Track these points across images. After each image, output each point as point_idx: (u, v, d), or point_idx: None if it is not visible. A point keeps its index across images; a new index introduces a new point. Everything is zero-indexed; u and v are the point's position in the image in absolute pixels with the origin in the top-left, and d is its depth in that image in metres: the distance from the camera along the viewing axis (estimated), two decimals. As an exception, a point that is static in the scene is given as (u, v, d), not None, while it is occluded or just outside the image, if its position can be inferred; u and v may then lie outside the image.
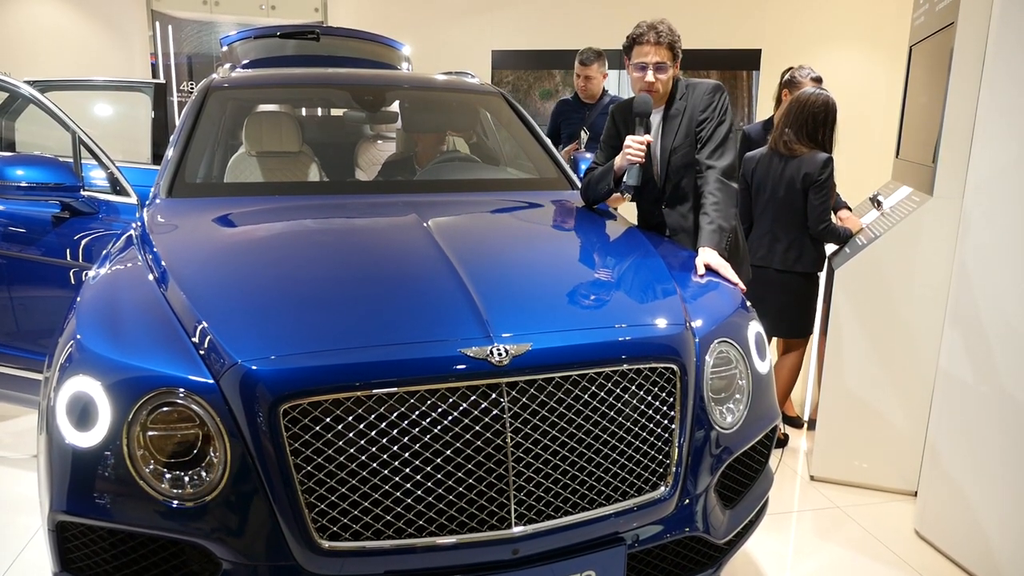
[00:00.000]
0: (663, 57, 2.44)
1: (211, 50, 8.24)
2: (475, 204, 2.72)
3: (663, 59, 2.45)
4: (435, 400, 1.55)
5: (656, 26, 2.44)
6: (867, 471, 3.15)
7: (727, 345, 1.94)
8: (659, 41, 2.42)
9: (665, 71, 2.47)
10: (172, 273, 1.87)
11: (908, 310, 2.97)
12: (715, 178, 2.46)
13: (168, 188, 2.62)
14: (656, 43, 2.43)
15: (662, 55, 2.44)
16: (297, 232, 2.37)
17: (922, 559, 2.66)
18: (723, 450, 1.86)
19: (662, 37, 2.42)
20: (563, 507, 1.62)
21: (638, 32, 2.46)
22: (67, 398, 1.56)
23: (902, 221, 2.95)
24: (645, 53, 2.45)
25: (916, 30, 3.40)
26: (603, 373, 1.68)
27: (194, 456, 1.52)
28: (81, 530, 1.55)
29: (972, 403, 2.54)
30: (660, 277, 2.12)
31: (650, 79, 2.47)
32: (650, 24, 2.45)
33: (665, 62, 2.46)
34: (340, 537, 1.49)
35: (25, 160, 2.87)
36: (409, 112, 3.62)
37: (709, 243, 2.35)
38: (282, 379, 1.50)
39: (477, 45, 8.20)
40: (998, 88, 2.46)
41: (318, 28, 4.23)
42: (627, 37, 2.50)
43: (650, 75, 2.46)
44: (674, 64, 2.49)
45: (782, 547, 2.73)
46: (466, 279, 1.82)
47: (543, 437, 1.60)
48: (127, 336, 1.66)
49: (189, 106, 2.99)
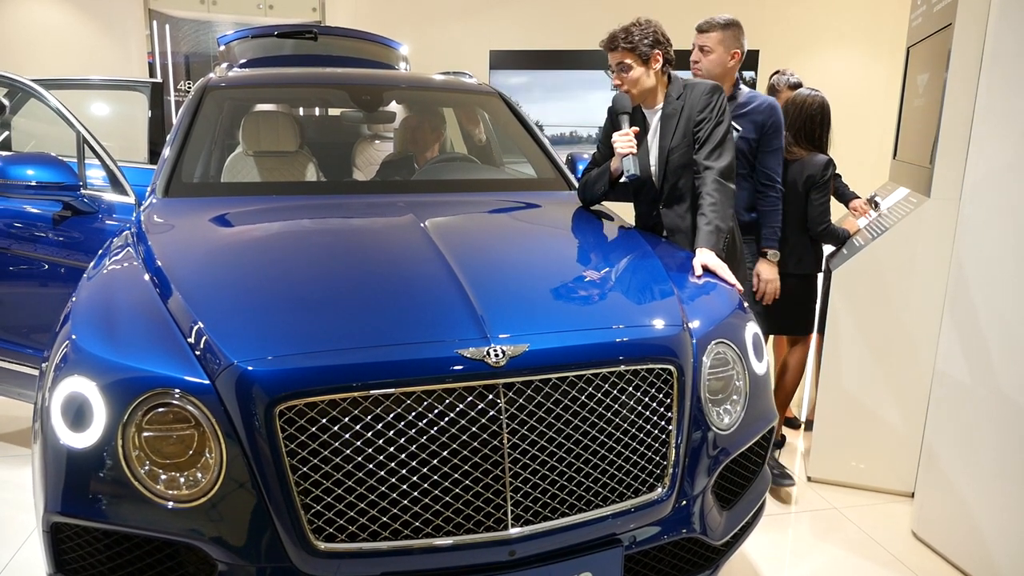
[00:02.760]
0: (623, 58, 2.48)
1: (208, 49, 8.22)
2: (472, 204, 2.71)
3: (622, 60, 2.49)
4: (432, 401, 1.54)
5: (617, 31, 2.49)
6: (864, 472, 3.16)
7: (724, 346, 1.93)
8: (612, 47, 2.48)
9: (627, 71, 2.50)
10: (168, 273, 1.87)
11: (905, 311, 2.98)
12: (713, 179, 2.45)
13: (164, 188, 2.61)
14: (611, 48, 2.49)
15: (621, 57, 2.48)
16: (294, 232, 2.37)
17: (919, 560, 2.66)
18: (720, 451, 1.86)
19: (615, 42, 2.47)
20: (560, 508, 1.61)
21: (605, 38, 2.53)
22: (62, 398, 1.55)
23: (899, 222, 2.95)
24: (612, 57, 2.52)
25: (914, 31, 3.40)
26: (600, 374, 1.67)
27: (189, 457, 1.52)
28: (76, 531, 1.54)
29: (969, 404, 2.54)
30: (657, 278, 2.12)
31: (616, 81, 2.53)
32: (612, 31, 2.51)
33: (627, 62, 2.48)
34: (336, 538, 1.49)
35: (26, 159, 2.87)
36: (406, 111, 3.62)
37: (707, 244, 2.34)
38: (278, 380, 1.49)
39: (475, 45, 8.20)
40: (996, 89, 2.46)
41: (315, 28, 4.23)
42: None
43: (616, 78, 2.53)
44: (645, 64, 2.49)
45: (779, 548, 2.73)
46: (463, 280, 1.82)
47: (540, 438, 1.60)
48: (122, 336, 1.66)
49: (186, 105, 2.99)
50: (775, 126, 2.95)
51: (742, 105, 2.96)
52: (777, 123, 2.96)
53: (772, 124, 2.94)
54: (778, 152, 2.98)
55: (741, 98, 2.98)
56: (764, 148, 2.95)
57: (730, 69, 2.96)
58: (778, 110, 2.98)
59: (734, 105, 2.95)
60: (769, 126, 2.94)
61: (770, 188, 2.97)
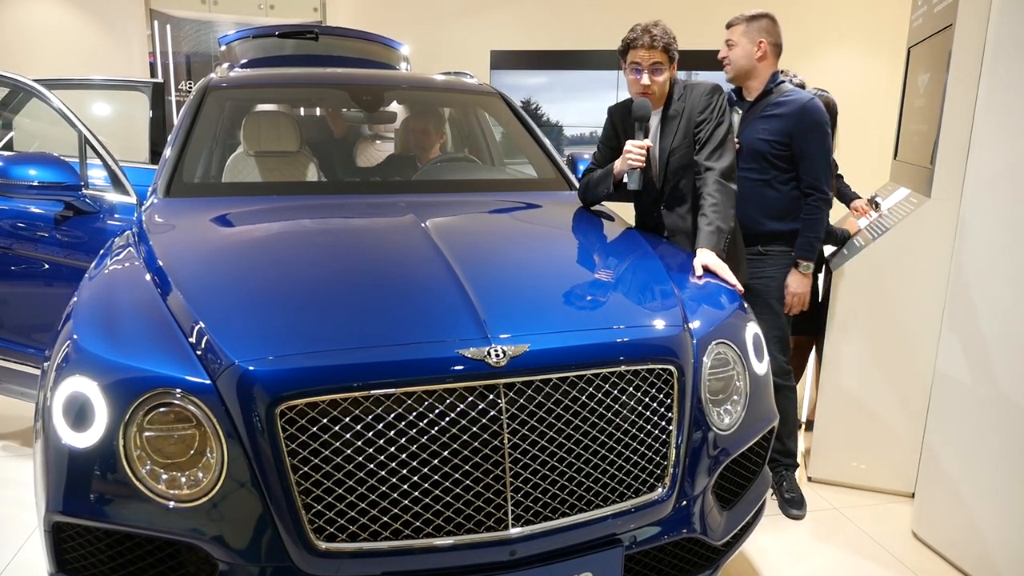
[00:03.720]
0: (658, 59, 2.44)
1: (210, 49, 8.23)
2: (473, 205, 2.72)
3: (658, 61, 2.44)
4: (432, 401, 1.54)
5: (650, 29, 2.43)
6: (864, 472, 3.15)
7: (725, 346, 1.94)
8: (653, 44, 2.42)
9: (660, 73, 2.46)
10: (169, 273, 1.87)
11: (905, 312, 2.97)
12: (714, 179, 2.45)
13: (166, 188, 2.61)
14: (651, 46, 2.42)
15: (657, 57, 2.43)
16: (295, 232, 2.37)
17: (919, 561, 2.66)
18: (721, 451, 1.86)
19: (656, 40, 2.41)
20: (560, 508, 1.62)
21: (632, 35, 2.45)
22: (63, 398, 1.55)
23: (900, 223, 2.95)
24: (640, 56, 2.44)
25: (914, 31, 3.40)
26: (601, 374, 1.68)
27: (190, 457, 1.52)
28: (77, 531, 1.54)
29: (969, 405, 2.54)
30: (658, 278, 2.12)
31: (646, 82, 2.46)
32: (644, 27, 2.44)
33: (660, 64, 2.45)
34: (337, 538, 1.49)
35: (28, 159, 2.88)
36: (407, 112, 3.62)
37: (707, 244, 2.34)
38: (279, 380, 1.50)
39: (475, 45, 8.20)
40: (996, 90, 2.46)
41: (317, 28, 4.23)
42: (622, 40, 2.49)
43: (645, 78, 2.46)
44: (670, 66, 2.48)
45: (779, 548, 2.73)
46: (464, 280, 1.82)
47: (540, 438, 1.60)
48: (124, 336, 1.66)
49: (187, 105, 2.99)
50: (806, 129, 2.71)
51: (772, 105, 2.78)
52: (808, 126, 2.71)
53: (802, 128, 2.71)
54: (814, 157, 2.73)
55: (773, 97, 2.80)
56: (799, 154, 2.75)
57: (759, 61, 2.79)
58: (811, 112, 2.72)
59: (763, 104, 2.80)
60: (799, 130, 2.71)
61: (810, 195, 2.76)
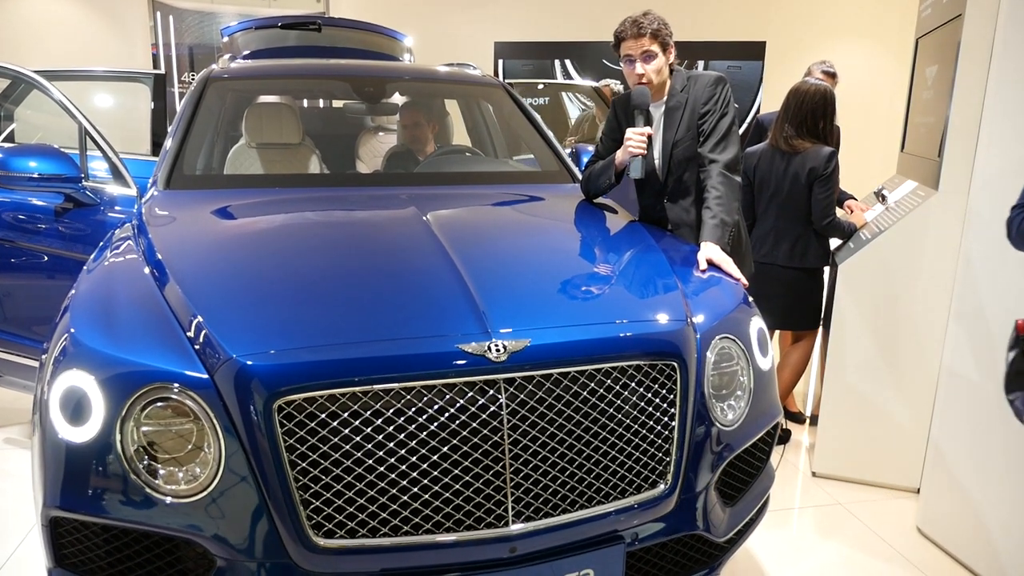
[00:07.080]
0: (648, 46, 2.42)
1: (212, 41, 8.20)
2: (475, 197, 2.69)
3: (648, 49, 2.43)
4: (432, 396, 1.53)
5: (638, 18, 2.43)
6: (869, 467, 3.14)
7: (729, 341, 1.91)
8: (640, 32, 2.41)
9: (652, 59, 2.44)
10: (168, 266, 1.86)
11: (912, 306, 2.95)
12: (718, 172, 2.43)
13: (166, 180, 2.60)
14: (638, 35, 2.41)
15: (646, 44, 2.42)
16: (295, 225, 2.35)
17: (924, 556, 2.65)
18: (724, 447, 1.84)
19: (643, 28, 2.41)
20: (561, 505, 1.60)
21: (620, 28, 2.45)
22: (60, 392, 1.54)
23: (907, 216, 2.92)
24: (630, 47, 2.44)
25: (923, 22, 3.36)
26: (603, 369, 1.66)
27: (188, 452, 1.51)
28: (75, 526, 1.54)
29: (976, 400, 2.52)
30: (661, 272, 2.10)
31: (639, 71, 2.45)
32: (632, 18, 2.44)
33: (651, 51, 2.43)
34: (335, 534, 1.48)
35: (28, 151, 2.87)
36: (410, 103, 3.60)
37: (711, 238, 2.32)
38: (277, 374, 1.48)
39: (479, 36, 8.17)
40: (1006, 81, 2.42)
41: (319, 19, 4.20)
42: (613, 35, 2.49)
43: (639, 67, 2.45)
44: (664, 52, 2.46)
45: (783, 544, 2.72)
46: (465, 274, 1.80)
47: (541, 434, 1.58)
48: (121, 330, 1.65)
49: (188, 97, 2.97)
50: None
51: None
52: None
53: None
54: None
55: None
56: None
57: None
58: None
59: None
60: None
61: None
